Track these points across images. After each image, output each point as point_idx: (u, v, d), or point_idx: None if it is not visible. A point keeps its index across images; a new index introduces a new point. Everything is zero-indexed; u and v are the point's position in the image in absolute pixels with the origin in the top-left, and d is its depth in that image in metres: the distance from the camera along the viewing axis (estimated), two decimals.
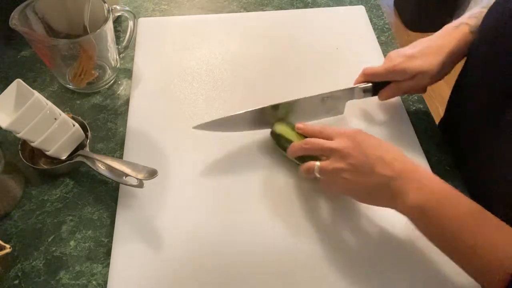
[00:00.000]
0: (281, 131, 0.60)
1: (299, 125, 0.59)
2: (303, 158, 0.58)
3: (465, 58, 0.62)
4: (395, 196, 0.48)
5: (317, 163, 0.53)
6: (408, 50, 0.61)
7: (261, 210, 0.58)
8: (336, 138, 0.52)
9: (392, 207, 0.49)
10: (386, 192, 0.48)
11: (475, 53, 0.59)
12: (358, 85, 0.64)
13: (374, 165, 0.48)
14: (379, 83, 0.64)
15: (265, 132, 0.64)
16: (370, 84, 0.64)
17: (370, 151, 0.49)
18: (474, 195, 0.60)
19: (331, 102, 0.64)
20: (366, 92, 0.65)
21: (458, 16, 0.63)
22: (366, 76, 0.64)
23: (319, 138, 0.55)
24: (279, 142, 0.61)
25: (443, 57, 0.59)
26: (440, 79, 0.62)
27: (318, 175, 0.53)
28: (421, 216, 0.46)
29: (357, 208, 0.58)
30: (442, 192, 0.46)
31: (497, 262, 0.42)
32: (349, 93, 0.64)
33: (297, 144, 0.56)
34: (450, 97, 0.71)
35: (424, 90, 0.65)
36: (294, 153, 0.57)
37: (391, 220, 0.56)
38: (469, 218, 0.44)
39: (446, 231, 0.45)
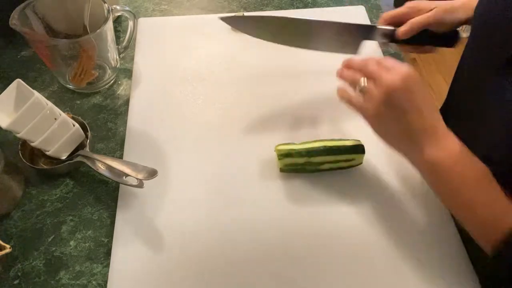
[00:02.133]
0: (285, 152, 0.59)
1: (346, 61, 0.58)
2: (304, 168, 0.59)
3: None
4: (412, 147, 0.51)
5: (362, 80, 0.53)
6: None
7: (261, 210, 0.58)
8: (390, 71, 0.51)
9: (407, 157, 0.52)
10: (407, 140, 0.51)
11: (468, 48, 0.60)
12: (379, 25, 0.63)
13: (409, 112, 0.50)
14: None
15: (264, 132, 0.64)
16: (393, 28, 0.62)
17: (414, 99, 0.51)
18: None
19: (347, 36, 0.62)
20: (386, 35, 0.62)
21: None
22: (387, 20, 0.63)
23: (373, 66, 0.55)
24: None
25: None
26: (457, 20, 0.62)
27: (358, 89, 0.54)
28: (431, 170, 0.50)
29: (359, 211, 0.58)
30: (456, 153, 0.49)
31: (493, 220, 0.46)
32: (368, 31, 0.62)
33: (355, 61, 0.56)
34: (449, 90, 0.71)
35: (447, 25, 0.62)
36: (345, 74, 0.57)
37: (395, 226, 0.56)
38: (475, 179, 0.48)
39: (450, 187, 0.49)
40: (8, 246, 0.50)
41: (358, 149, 0.59)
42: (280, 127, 0.66)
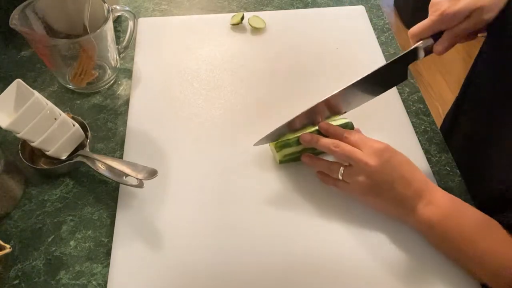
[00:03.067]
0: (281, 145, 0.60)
1: (323, 124, 0.58)
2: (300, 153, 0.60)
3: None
4: (407, 212, 0.52)
5: (342, 168, 0.55)
6: None
7: (262, 210, 0.58)
8: (364, 150, 0.53)
9: (403, 221, 0.53)
10: (400, 208, 0.52)
11: (483, 59, 0.59)
12: (418, 44, 0.56)
13: (395, 183, 0.51)
14: (437, 38, 0.57)
15: (265, 132, 0.64)
16: (432, 40, 0.56)
17: (395, 169, 0.52)
18: (474, 195, 0.61)
19: (393, 69, 0.59)
20: (428, 49, 0.57)
21: None
22: (417, 36, 0.57)
23: (344, 142, 0.55)
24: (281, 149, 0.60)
25: None
26: (497, 12, 0.53)
27: (340, 177, 0.55)
28: (428, 230, 0.50)
29: (359, 210, 0.58)
30: (449, 207, 0.50)
31: (501, 267, 0.45)
32: (412, 55, 0.58)
33: (325, 140, 0.56)
34: (455, 103, 0.70)
35: (485, 28, 0.56)
36: (317, 146, 0.57)
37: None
38: (472, 230, 0.48)
39: (450, 243, 0.49)
40: (8, 246, 0.50)
41: (348, 126, 0.61)
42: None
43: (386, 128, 0.67)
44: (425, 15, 0.61)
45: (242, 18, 0.81)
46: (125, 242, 0.55)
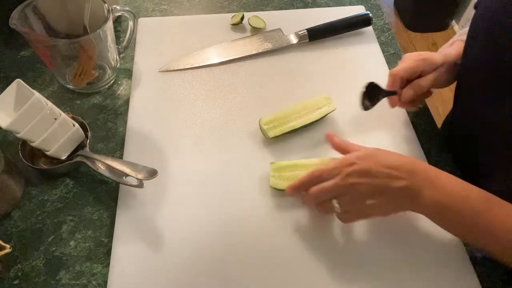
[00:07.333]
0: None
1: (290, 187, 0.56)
2: None
3: None
4: (411, 201, 0.50)
5: (336, 206, 0.52)
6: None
7: (262, 209, 0.58)
8: (352, 164, 0.51)
9: (410, 210, 0.52)
10: (404, 200, 0.50)
11: (466, 64, 0.60)
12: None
13: (388, 170, 0.50)
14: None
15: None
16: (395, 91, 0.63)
17: (378, 155, 0.51)
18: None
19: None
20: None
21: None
22: (396, 76, 0.62)
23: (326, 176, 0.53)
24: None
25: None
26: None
27: (336, 206, 0.52)
28: (437, 212, 0.50)
29: None
30: (452, 186, 0.50)
31: None
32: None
33: (311, 191, 0.53)
34: (454, 100, 0.71)
35: (447, 83, 0.64)
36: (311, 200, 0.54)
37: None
38: (481, 206, 0.48)
39: (461, 221, 0.49)
40: (8, 246, 0.50)
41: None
42: None
43: (386, 128, 0.67)
44: (424, 16, 0.62)
45: (242, 18, 0.81)
46: (125, 242, 0.55)
